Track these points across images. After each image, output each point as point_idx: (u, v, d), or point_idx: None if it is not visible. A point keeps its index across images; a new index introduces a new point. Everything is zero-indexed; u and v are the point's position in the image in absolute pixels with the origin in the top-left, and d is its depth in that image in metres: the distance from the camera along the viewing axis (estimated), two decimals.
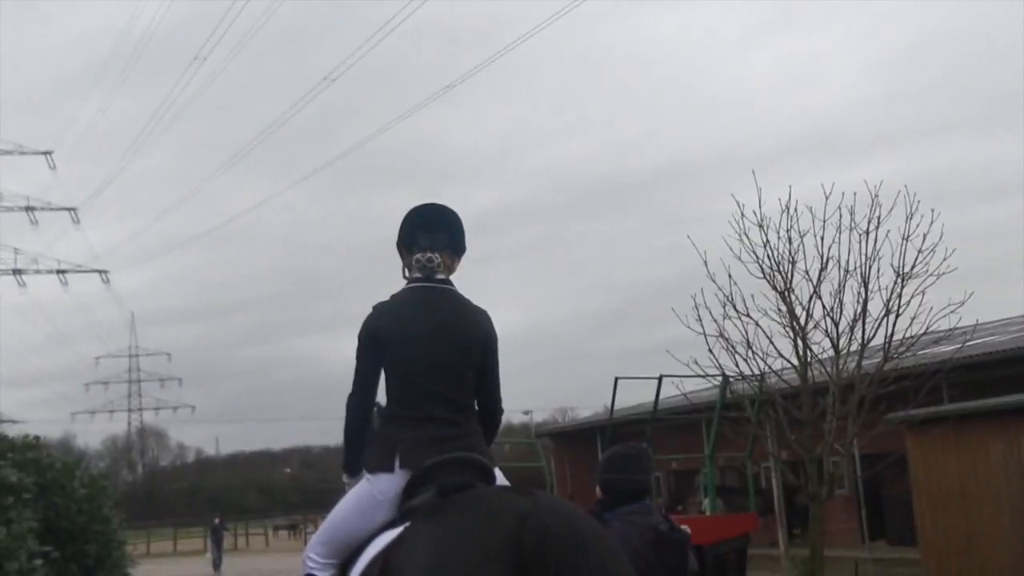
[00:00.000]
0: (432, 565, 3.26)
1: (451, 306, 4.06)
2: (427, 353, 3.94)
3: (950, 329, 16.52)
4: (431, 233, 4.12)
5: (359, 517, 3.91)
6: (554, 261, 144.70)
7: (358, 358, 4.07)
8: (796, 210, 16.98)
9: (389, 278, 4.31)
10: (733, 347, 17.20)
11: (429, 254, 4.07)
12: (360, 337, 4.06)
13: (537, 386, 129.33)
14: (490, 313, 4.24)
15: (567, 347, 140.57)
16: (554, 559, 3.18)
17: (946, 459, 17.10)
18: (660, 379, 19.16)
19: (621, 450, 4.60)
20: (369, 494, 3.90)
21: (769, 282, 17.11)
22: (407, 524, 3.64)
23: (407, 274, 4.19)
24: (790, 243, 16.96)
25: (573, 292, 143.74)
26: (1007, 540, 15.94)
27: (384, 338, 3.99)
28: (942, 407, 17.54)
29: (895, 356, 16.60)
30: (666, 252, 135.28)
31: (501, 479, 3.99)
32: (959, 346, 16.89)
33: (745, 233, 17.25)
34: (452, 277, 4.20)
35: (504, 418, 4.34)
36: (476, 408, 4.10)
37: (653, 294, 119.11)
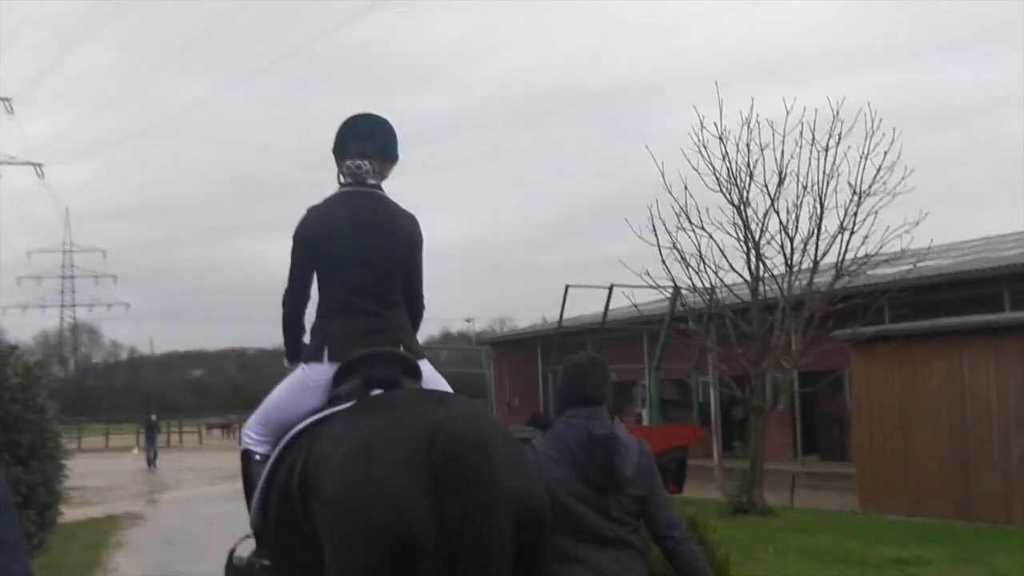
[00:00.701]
0: (348, 466, 3.44)
1: (378, 209, 4.33)
2: (355, 251, 4.21)
3: (902, 250, 16.56)
4: (361, 141, 4.37)
5: (292, 400, 4.20)
6: (501, 173, 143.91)
7: (292, 257, 4.37)
8: (757, 123, 16.79)
9: (330, 184, 4.52)
10: (685, 259, 17.11)
11: (359, 161, 4.33)
12: (294, 237, 4.36)
13: (477, 295, 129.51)
14: (435, 219, 4.41)
15: (509, 258, 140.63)
16: (460, 467, 3.35)
17: (889, 378, 17.23)
18: (611, 289, 19.01)
19: (575, 359, 4.62)
20: (302, 380, 4.20)
21: (725, 196, 16.97)
22: (331, 411, 3.91)
23: (341, 179, 4.43)
24: (748, 154, 16.79)
25: (518, 204, 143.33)
26: (944, 459, 16.18)
27: (315, 238, 4.27)
28: (889, 326, 17.64)
29: (847, 274, 16.59)
30: (613, 168, 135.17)
31: (428, 371, 4.22)
32: (911, 266, 16.92)
33: (704, 145, 17.06)
34: (386, 183, 4.47)
35: (443, 325, 4.50)
36: (402, 303, 4.34)
37: (597, 210, 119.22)
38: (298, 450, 3.86)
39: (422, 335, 4.70)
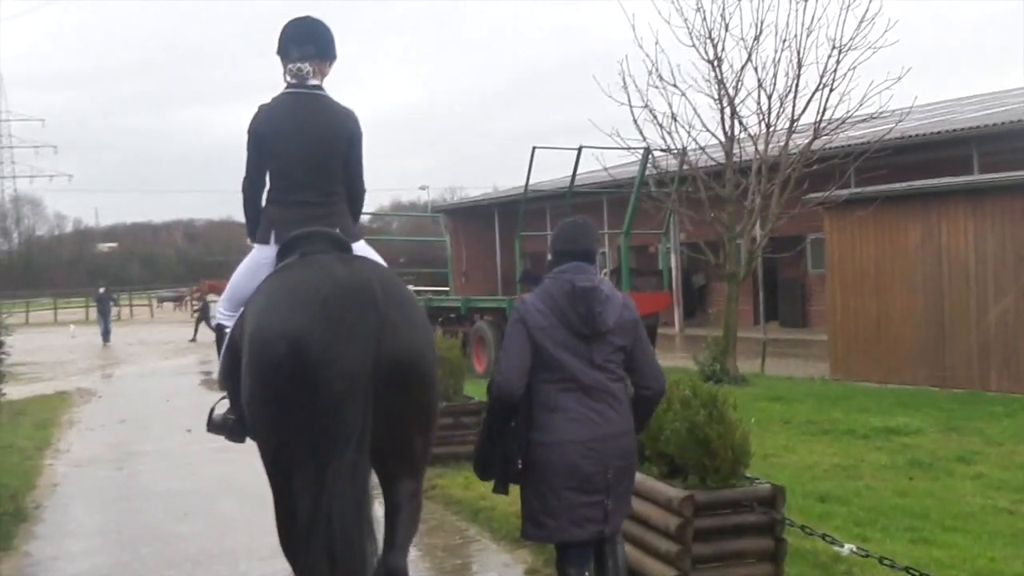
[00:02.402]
0: (262, 308, 4.25)
1: (319, 108, 4.79)
2: (298, 148, 4.70)
3: (879, 109, 15.90)
4: (300, 46, 4.81)
5: (249, 278, 4.80)
6: (451, 35, 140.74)
7: (247, 151, 4.85)
8: None
9: (274, 53, 4.90)
10: (657, 119, 16.34)
11: (299, 64, 4.78)
12: (247, 132, 4.82)
13: (426, 164, 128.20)
14: (382, 86, 4.25)
15: (457, 126, 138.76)
16: (336, 310, 3.99)
17: (863, 241, 16.78)
18: (579, 150, 18.18)
19: (567, 221, 4.93)
20: (256, 260, 4.84)
21: (699, 51, 16.12)
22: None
23: (286, 79, 4.85)
24: (724, 5, 15.90)
25: (469, 69, 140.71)
26: (919, 324, 15.88)
27: (263, 135, 4.76)
28: (865, 188, 17.05)
29: (826, 133, 15.93)
30: (568, 30, 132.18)
31: (365, 250, 4.77)
32: (891, 126, 16.29)
33: None
34: (328, 77, 4.91)
35: (393, 195, 5.00)
36: (342, 192, 4.85)
37: (549, 75, 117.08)
38: (243, 312, 4.61)
39: (372, 204, 5.02)
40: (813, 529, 5.45)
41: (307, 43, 4.83)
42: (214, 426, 5.13)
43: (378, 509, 4.33)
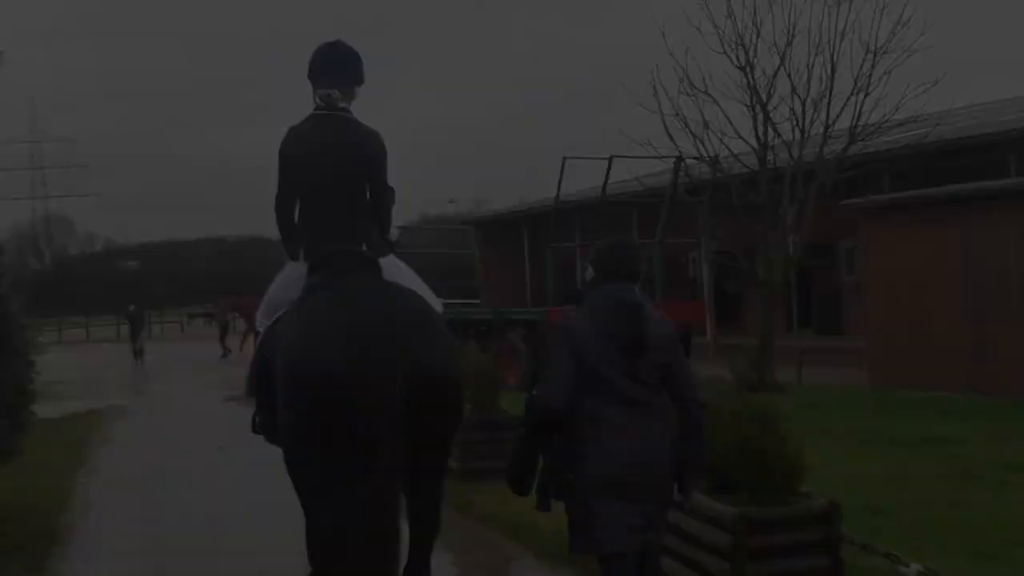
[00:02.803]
0: (292, 341, 4.47)
1: (345, 129, 4.97)
2: (323, 168, 4.88)
3: (916, 114, 15.65)
4: (329, 74, 5.01)
5: (283, 291, 5.02)
6: (477, 53, 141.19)
7: (278, 170, 5.03)
8: None
9: (301, 72, 5.10)
10: (689, 127, 16.15)
11: (327, 91, 4.97)
12: (278, 153, 5.01)
13: (456, 177, 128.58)
14: (408, 103, 4.45)
15: (487, 139, 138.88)
16: (362, 336, 4.31)
17: (902, 247, 16.47)
18: (611, 159, 18.00)
19: (616, 239, 4.95)
20: (289, 274, 5.07)
21: (731, 58, 15.94)
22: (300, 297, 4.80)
23: (316, 101, 5.03)
24: (756, 11, 15.71)
25: (495, 83, 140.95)
26: (960, 330, 15.55)
27: (291, 155, 4.96)
28: (903, 193, 16.75)
29: (862, 138, 15.68)
30: (590, 48, 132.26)
31: (389, 264, 4.93)
32: (928, 130, 16.00)
33: (707, 1, 15.98)
34: (359, 91, 5.11)
35: (419, 210, 5.18)
36: (368, 210, 5.02)
37: (573, 93, 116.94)
38: (274, 326, 4.90)
39: (399, 218, 5.37)
40: (875, 547, 5.23)
41: (336, 71, 5.02)
42: (256, 427, 5.37)
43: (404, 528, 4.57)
